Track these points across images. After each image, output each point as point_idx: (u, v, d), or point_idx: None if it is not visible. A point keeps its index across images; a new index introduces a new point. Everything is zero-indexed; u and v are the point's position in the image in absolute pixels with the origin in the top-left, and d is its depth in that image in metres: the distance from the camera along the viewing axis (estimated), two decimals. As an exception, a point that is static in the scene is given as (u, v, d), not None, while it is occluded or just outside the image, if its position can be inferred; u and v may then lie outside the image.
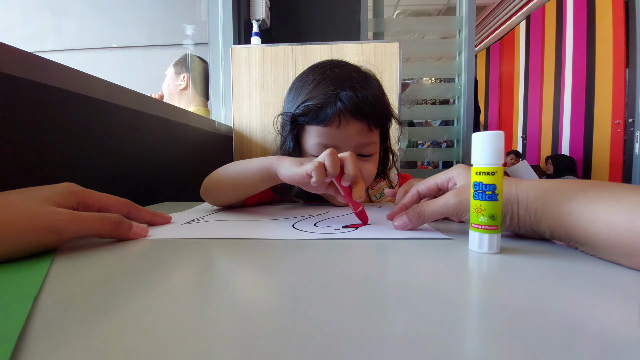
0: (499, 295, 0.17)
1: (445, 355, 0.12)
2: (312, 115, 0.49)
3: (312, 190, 0.40)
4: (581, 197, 0.24)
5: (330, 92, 0.48)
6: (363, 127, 0.49)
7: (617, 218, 0.21)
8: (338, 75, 0.51)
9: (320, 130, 0.49)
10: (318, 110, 0.48)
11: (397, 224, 0.33)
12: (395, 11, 4.19)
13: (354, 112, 0.48)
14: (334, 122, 0.48)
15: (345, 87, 0.48)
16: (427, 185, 0.35)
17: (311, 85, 0.51)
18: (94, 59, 1.57)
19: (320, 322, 0.14)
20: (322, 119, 0.48)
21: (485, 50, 4.94)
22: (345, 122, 0.48)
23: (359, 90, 0.48)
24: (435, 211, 0.31)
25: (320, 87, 0.49)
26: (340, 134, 0.48)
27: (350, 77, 0.50)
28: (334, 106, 0.47)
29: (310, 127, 0.50)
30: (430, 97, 2.05)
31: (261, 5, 1.31)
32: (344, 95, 0.47)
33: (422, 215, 0.31)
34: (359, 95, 0.48)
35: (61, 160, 0.44)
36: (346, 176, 0.35)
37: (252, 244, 0.28)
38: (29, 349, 0.12)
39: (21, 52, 0.38)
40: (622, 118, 2.69)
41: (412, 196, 0.35)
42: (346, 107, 0.47)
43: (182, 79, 1.22)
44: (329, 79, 0.50)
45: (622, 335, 0.13)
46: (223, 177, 0.47)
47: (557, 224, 0.25)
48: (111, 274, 0.20)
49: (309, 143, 0.51)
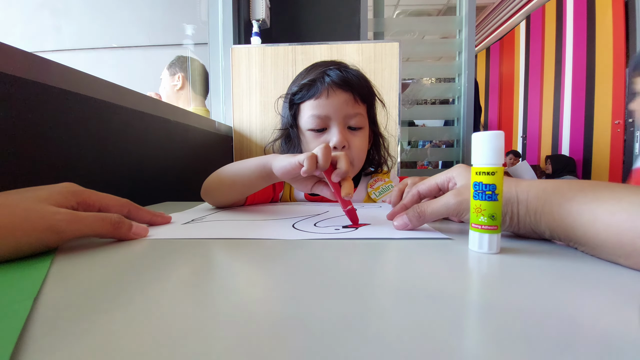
0: (498, 295, 0.17)
1: (445, 355, 0.11)
2: (305, 91, 0.58)
3: (302, 188, 0.41)
4: (581, 197, 0.24)
5: (320, 71, 0.58)
6: (349, 97, 0.57)
7: (617, 218, 0.21)
8: (326, 62, 0.63)
9: (312, 103, 0.58)
10: (310, 86, 0.58)
11: (397, 223, 0.33)
12: (395, 11, 4.19)
13: (340, 85, 0.57)
14: (323, 93, 0.57)
15: (331, 67, 0.59)
16: (427, 185, 0.35)
17: (304, 73, 0.63)
18: (94, 59, 1.57)
19: (320, 321, 0.14)
20: (313, 93, 0.57)
21: (485, 50, 4.94)
22: (332, 92, 0.57)
23: (343, 69, 0.59)
24: (436, 211, 0.31)
25: (312, 72, 0.61)
26: (329, 104, 0.57)
27: (336, 63, 0.62)
28: (322, 81, 0.57)
29: (304, 105, 0.59)
30: (430, 97, 2.05)
31: (261, 5, 1.31)
32: (331, 72, 0.58)
33: (422, 216, 0.31)
34: (343, 72, 0.58)
35: (61, 160, 0.44)
36: (337, 171, 0.37)
37: (252, 244, 0.28)
38: (29, 349, 0.12)
39: (21, 52, 0.38)
40: (622, 118, 2.69)
41: (413, 196, 0.35)
42: (333, 80, 0.57)
43: (178, 79, 1.22)
44: (319, 65, 0.62)
45: (622, 335, 0.13)
46: (222, 176, 0.48)
47: (557, 224, 0.25)
48: (111, 274, 0.20)
49: (304, 118, 0.59)
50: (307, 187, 0.41)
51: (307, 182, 0.41)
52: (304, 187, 0.41)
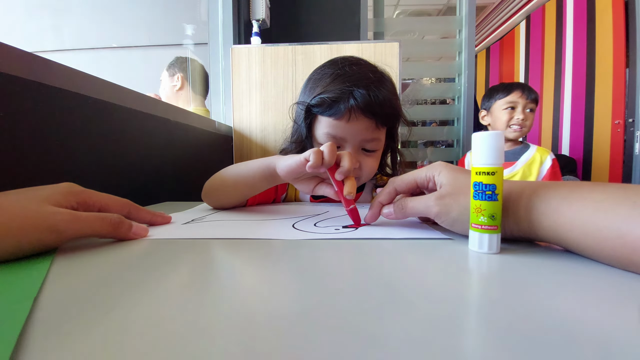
0: (498, 295, 0.17)
1: (445, 355, 0.11)
2: (326, 108, 0.52)
3: (304, 189, 0.41)
4: (551, 200, 0.24)
5: (346, 89, 0.51)
6: (370, 124, 0.52)
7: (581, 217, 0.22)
8: (355, 73, 0.53)
9: (331, 122, 0.52)
10: (332, 103, 0.51)
11: (384, 212, 0.34)
12: (395, 11, 4.19)
13: (364, 110, 0.50)
14: (345, 116, 0.50)
15: (360, 86, 0.51)
16: (406, 183, 0.34)
17: (328, 79, 0.54)
18: (94, 59, 1.57)
19: (320, 321, 0.14)
20: (334, 112, 0.51)
21: (485, 50, 4.93)
22: (354, 117, 0.51)
23: (372, 90, 0.51)
24: (416, 209, 0.31)
25: (337, 82, 0.52)
26: (348, 128, 0.51)
27: (366, 77, 0.53)
28: (346, 102, 0.50)
29: (322, 118, 0.53)
30: (430, 97, 2.05)
31: (261, 5, 1.31)
32: (357, 94, 0.50)
33: (404, 209, 0.32)
34: (371, 95, 0.50)
35: (61, 160, 0.44)
36: (341, 169, 0.37)
37: (252, 244, 0.28)
38: (29, 349, 0.12)
39: (21, 52, 0.38)
40: (622, 118, 2.69)
41: (389, 193, 0.35)
42: (358, 105, 0.50)
43: (177, 80, 1.22)
44: (346, 75, 0.53)
45: (622, 336, 0.13)
46: (225, 178, 0.47)
47: (533, 226, 0.25)
48: (111, 274, 0.20)
49: (319, 132, 0.54)
50: (309, 188, 0.41)
51: (310, 183, 0.41)
52: (306, 188, 0.41)
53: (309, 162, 0.36)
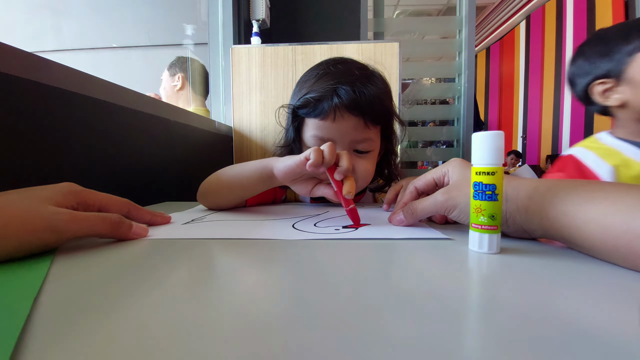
0: (499, 295, 0.17)
1: (445, 355, 0.11)
2: (310, 108, 0.50)
3: (302, 190, 0.41)
4: (574, 198, 0.24)
5: (329, 87, 0.49)
6: (359, 122, 0.49)
7: (611, 220, 0.21)
8: (340, 70, 0.52)
9: (317, 123, 0.50)
10: (316, 103, 0.49)
11: (394, 220, 0.34)
12: (395, 11, 4.19)
13: (349, 108, 0.48)
14: (330, 115, 0.49)
15: (344, 82, 0.49)
16: (424, 181, 0.35)
17: (313, 79, 0.53)
18: (94, 59, 1.57)
19: (320, 322, 0.14)
20: (319, 112, 0.49)
21: (485, 50, 4.94)
22: (340, 116, 0.49)
23: (357, 86, 0.49)
24: (426, 209, 0.32)
25: (321, 82, 0.51)
26: (335, 128, 0.49)
27: (351, 74, 0.51)
28: (330, 100, 0.48)
29: (308, 120, 0.52)
30: (430, 97, 2.04)
31: (261, 5, 1.31)
32: (341, 91, 0.48)
33: (414, 212, 0.32)
34: (356, 92, 0.48)
35: (61, 160, 0.44)
36: (339, 169, 0.37)
37: (252, 244, 0.28)
38: (29, 349, 0.12)
39: (21, 52, 0.38)
40: (622, 118, 2.69)
41: (411, 193, 0.36)
42: (342, 102, 0.48)
43: (178, 79, 1.22)
44: (331, 74, 0.51)
45: (622, 335, 0.13)
46: (221, 179, 0.47)
47: (550, 224, 0.25)
48: (111, 274, 0.20)
49: (307, 135, 0.52)
50: (307, 190, 0.41)
51: (308, 185, 0.41)
52: (303, 189, 0.41)
53: (309, 160, 0.36)
